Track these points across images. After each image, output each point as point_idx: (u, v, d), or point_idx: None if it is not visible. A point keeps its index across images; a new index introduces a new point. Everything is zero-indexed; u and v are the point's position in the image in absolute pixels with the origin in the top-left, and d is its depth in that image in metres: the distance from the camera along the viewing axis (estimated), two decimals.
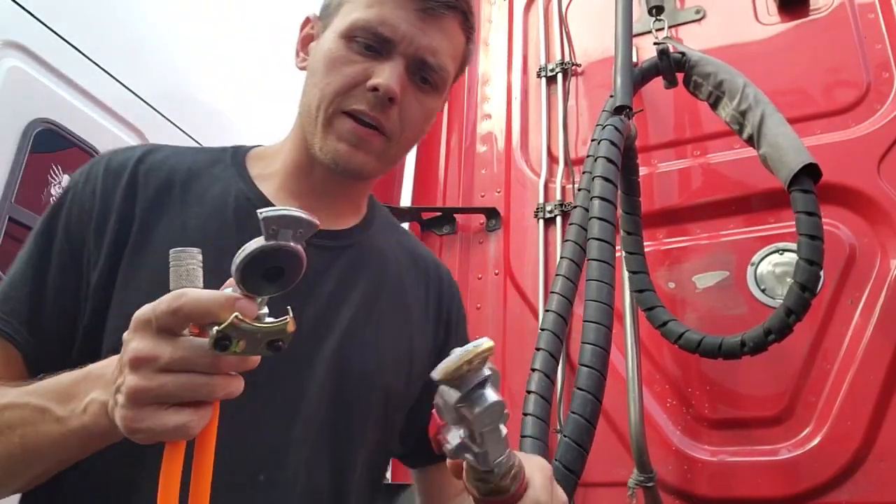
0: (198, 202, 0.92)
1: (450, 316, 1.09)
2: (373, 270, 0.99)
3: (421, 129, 0.94)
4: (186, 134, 3.43)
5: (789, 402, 1.68)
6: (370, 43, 0.87)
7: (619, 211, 1.70)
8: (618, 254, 1.68)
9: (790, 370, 1.69)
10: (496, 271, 2.11)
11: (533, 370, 0.96)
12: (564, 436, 0.89)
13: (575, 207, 1.14)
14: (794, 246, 1.53)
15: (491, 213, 2.20)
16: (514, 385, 1.89)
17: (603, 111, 1.64)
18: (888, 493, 1.53)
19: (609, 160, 1.10)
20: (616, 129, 1.19)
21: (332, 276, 0.94)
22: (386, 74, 0.86)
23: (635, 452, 1.65)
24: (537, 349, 0.97)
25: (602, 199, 1.00)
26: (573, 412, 0.98)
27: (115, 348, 0.68)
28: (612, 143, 1.13)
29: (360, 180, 0.97)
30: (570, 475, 0.80)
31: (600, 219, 0.99)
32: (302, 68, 0.97)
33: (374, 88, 0.85)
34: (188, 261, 0.62)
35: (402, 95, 0.88)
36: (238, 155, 1.00)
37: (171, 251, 0.63)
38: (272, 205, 0.91)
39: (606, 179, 1.05)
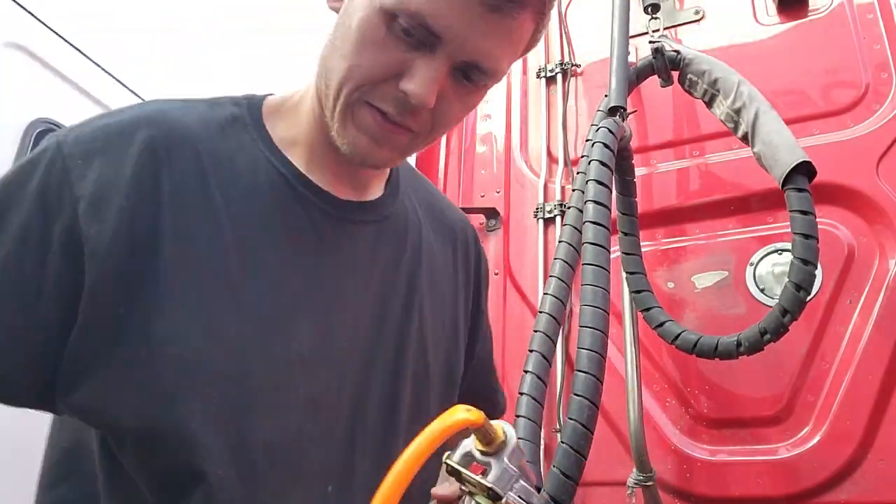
0: (226, 184, 0.76)
1: (479, 279, 1.05)
2: (410, 244, 0.92)
3: (454, 124, 0.82)
4: None
5: (788, 402, 1.68)
6: (413, 31, 0.69)
7: (616, 212, 1.71)
8: (616, 254, 1.69)
9: (789, 370, 1.70)
10: (496, 271, 2.12)
11: (525, 372, 0.96)
12: (562, 442, 0.89)
13: (569, 208, 1.15)
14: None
15: (491, 214, 2.21)
16: (513, 385, 1.89)
17: (598, 111, 1.65)
18: (887, 493, 1.54)
19: (602, 163, 1.10)
20: (609, 131, 1.19)
21: (379, 258, 0.87)
22: (421, 79, 0.69)
23: (634, 452, 1.65)
24: (530, 351, 0.97)
25: (595, 202, 1.00)
26: (571, 418, 0.98)
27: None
28: (605, 145, 1.13)
29: (377, 170, 0.88)
30: (567, 481, 0.80)
31: (594, 222, 0.99)
32: (334, 9, 0.78)
33: (405, 92, 0.71)
34: None
35: (440, 94, 0.73)
36: (254, 111, 0.84)
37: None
38: (309, 181, 0.82)
39: (599, 182, 1.05)
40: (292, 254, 0.78)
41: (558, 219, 2.08)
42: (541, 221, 2.11)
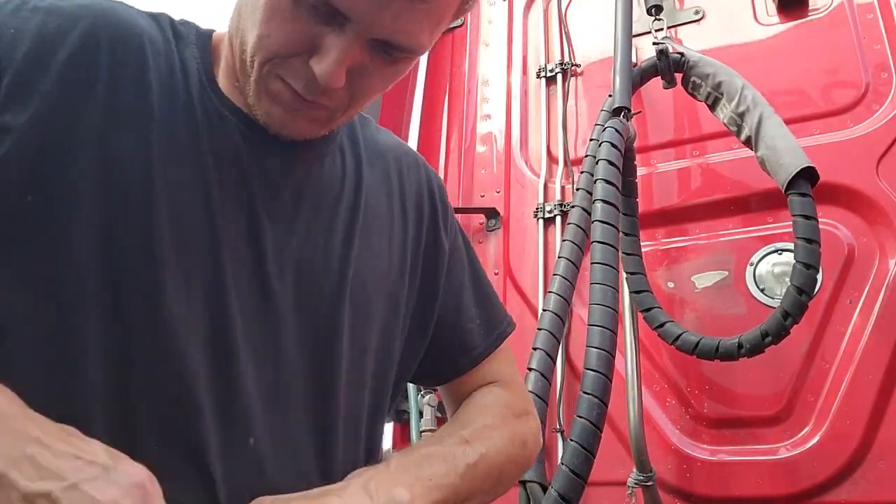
0: (164, 91, 0.73)
1: (434, 212, 0.94)
2: (345, 182, 0.85)
3: (375, 95, 0.77)
4: None
5: (788, 402, 1.69)
6: (319, 7, 0.65)
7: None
8: None
9: (789, 370, 1.70)
10: (496, 271, 2.12)
11: (529, 370, 0.96)
12: (571, 440, 0.88)
13: (573, 207, 1.15)
14: (792, 246, 1.54)
15: (491, 213, 2.21)
16: None
17: (601, 111, 1.64)
18: (887, 493, 1.54)
19: (610, 162, 1.10)
20: (616, 130, 1.19)
21: (309, 196, 0.80)
22: (329, 60, 0.66)
23: (634, 452, 1.65)
24: (534, 349, 0.97)
25: (605, 201, 1.00)
26: (580, 416, 0.98)
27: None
28: (613, 145, 1.13)
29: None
30: (576, 479, 0.80)
31: (603, 222, 0.99)
32: None
33: (314, 72, 0.67)
34: None
35: (356, 68, 0.69)
36: (202, 38, 0.80)
37: None
38: (235, 107, 0.77)
39: (608, 182, 1.05)
40: (213, 179, 0.73)
41: (558, 219, 2.07)
42: (541, 221, 2.11)
